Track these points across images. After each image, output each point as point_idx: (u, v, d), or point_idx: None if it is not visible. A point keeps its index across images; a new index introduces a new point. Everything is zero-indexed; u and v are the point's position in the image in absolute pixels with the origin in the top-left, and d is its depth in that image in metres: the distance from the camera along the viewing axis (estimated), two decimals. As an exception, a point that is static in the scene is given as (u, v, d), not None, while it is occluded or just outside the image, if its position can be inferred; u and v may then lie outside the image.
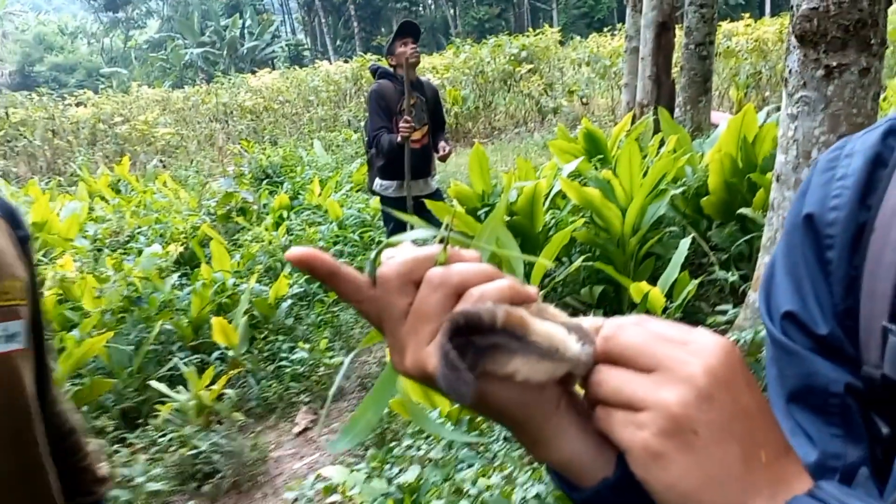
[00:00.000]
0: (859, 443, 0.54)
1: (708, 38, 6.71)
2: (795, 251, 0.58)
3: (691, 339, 0.42)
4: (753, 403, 0.41)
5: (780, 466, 0.41)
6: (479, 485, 1.65)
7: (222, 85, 18.70)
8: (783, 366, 0.59)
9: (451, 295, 0.45)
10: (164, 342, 4.60)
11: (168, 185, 8.78)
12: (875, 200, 0.54)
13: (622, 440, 0.42)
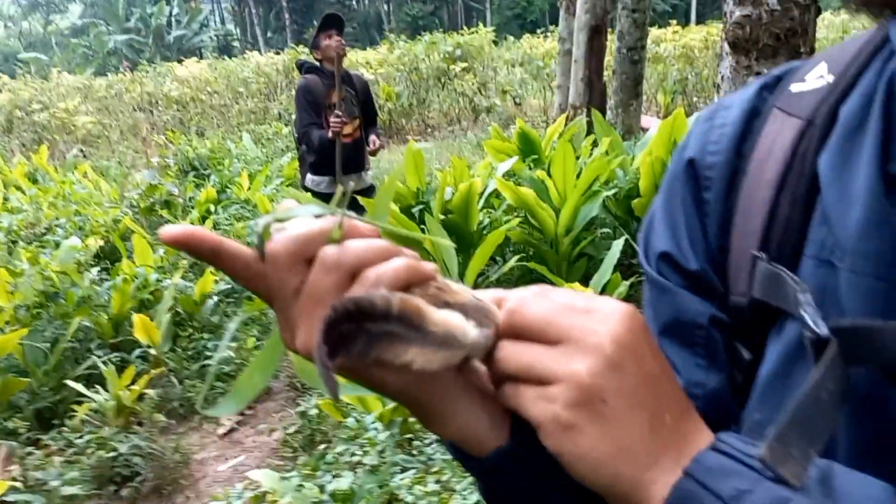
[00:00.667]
0: (721, 371, 0.58)
1: (640, 43, 6.83)
2: (675, 197, 0.62)
3: (595, 307, 0.42)
4: (657, 368, 0.43)
5: (684, 424, 0.43)
6: (415, 492, 1.60)
7: (147, 73, 18.11)
8: (657, 303, 0.62)
9: (345, 277, 0.43)
10: (83, 340, 4.41)
11: (88, 175, 8.45)
12: (748, 148, 0.58)
13: (533, 415, 0.42)
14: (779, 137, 0.57)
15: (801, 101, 0.57)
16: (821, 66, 0.58)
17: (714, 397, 0.57)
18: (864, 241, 0.48)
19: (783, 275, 0.51)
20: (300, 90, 4.83)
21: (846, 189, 0.50)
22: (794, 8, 2.83)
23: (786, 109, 0.58)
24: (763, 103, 0.60)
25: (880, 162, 0.49)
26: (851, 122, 0.52)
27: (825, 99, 0.56)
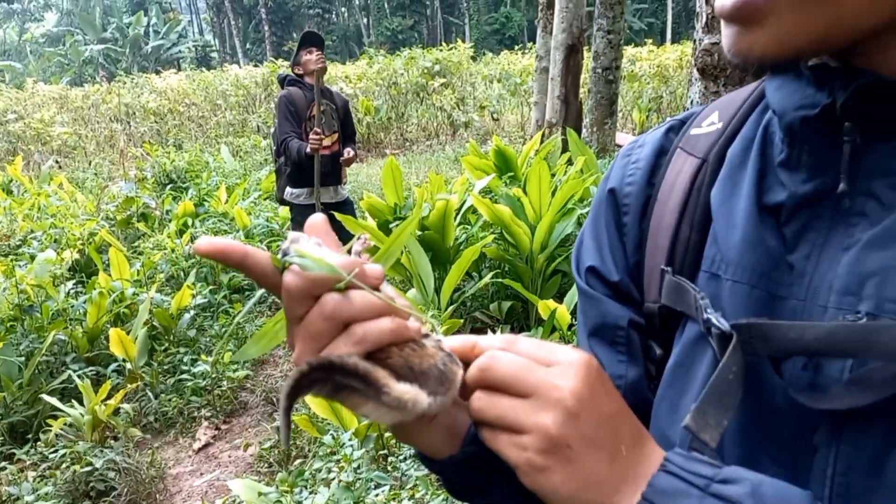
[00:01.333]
0: (638, 365, 0.70)
1: (614, 63, 6.95)
2: (600, 220, 0.73)
3: (556, 359, 0.51)
4: (613, 407, 0.52)
5: (638, 451, 0.51)
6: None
7: (125, 84, 18.01)
8: (586, 309, 0.73)
9: (338, 326, 0.51)
10: (57, 353, 4.39)
11: (64, 187, 8.39)
12: (658, 180, 0.70)
13: (509, 458, 0.50)
14: (681, 173, 0.68)
15: (698, 143, 0.68)
16: (714, 113, 0.69)
17: (633, 387, 0.69)
18: (742, 257, 0.59)
19: (685, 285, 0.62)
20: (283, 100, 4.90)
21: (730, 216, 0.61)
22: (760, 36, 2.93)
23: (686, 149, 0.69)
24: (669, 143, 0.71)
25: (756, 194, 0.60)
26: (735, 162, 0.64)
27: (716, 142, 0.67)
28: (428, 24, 49.01)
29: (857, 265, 0.52)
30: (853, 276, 0.52)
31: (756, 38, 0.52)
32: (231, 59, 42.64)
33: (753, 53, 0.52)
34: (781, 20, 0.50)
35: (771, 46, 0.51)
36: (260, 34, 45.20)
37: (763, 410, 0.56)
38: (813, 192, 0.56)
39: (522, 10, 43.54)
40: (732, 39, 0.54)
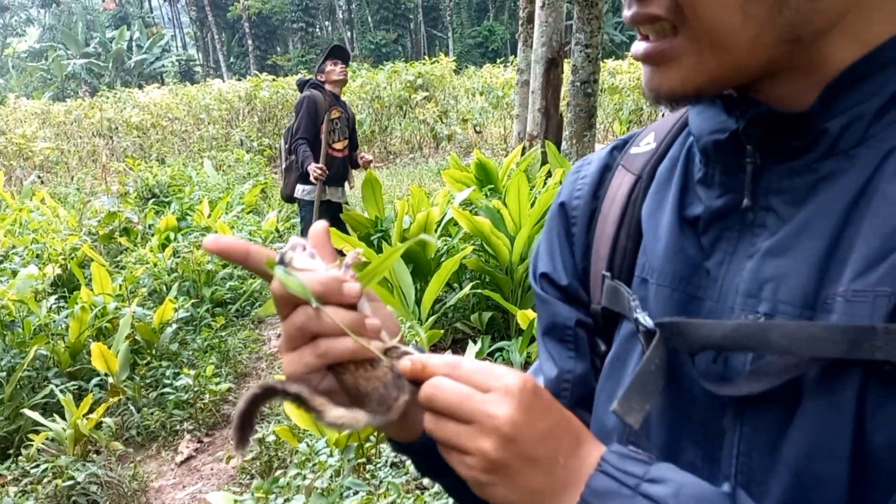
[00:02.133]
0: (585, 360, 0.78)
1: (592, 77, 7.04)
2: (552, 231, 0.81)
3: (493, 385, 0.57)
4: (549, 423, 0.57)
5: (577, 456, 0.57)
6: (363, 511, 1.68)
7: (107, 99, 17.98)
8: (540, 312, 0.82)
9: (304, 337, 0.60)
10: (39, 368, 4.40)
11: (46, 202, 8.38)
12: (602, 193, 0.77)
13: (459, 472, 0.58)
14: (620, 188, 0.76)
15: (635, 161, 0.76)
16: (651, 134, 0.77)
17: (581, 380, 0.77)
18: (665, 264, 0.66)
19: (620, 288, 0.69)
20: (306, 99, 5.36)
21: (656, 227, 0.69)
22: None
23: (626, 166, 0.77)
24: (613, 161, 0.79)
25: (678, 208, 0.67)
26: (662, 178, 0.71)
27: (650, 160, 0.74)
28: (412, 38, 49.22)
29: (757, 271, 0.60)
30: (753, 281, 0.59)
31: (664, 78, 0.60)
32: (214, 72, 42.61)
33: (662, 90, 0.60)
34: (683, 63, 0.58)
35: (676, 85, 0.59)
36: (244, 48, 45.20)
37: (683, 398, 0.63)
38: (724, 206, 0.63)
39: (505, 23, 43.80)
40: (646, 78, 0.62)
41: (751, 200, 0.62)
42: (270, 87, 15.96)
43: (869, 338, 0.51)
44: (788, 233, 0.59)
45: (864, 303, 0.53)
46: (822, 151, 0.58)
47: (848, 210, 0.56)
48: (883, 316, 0.52)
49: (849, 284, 0.54)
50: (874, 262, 0.53)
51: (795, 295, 0.56)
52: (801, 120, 0.58)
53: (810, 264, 0.56)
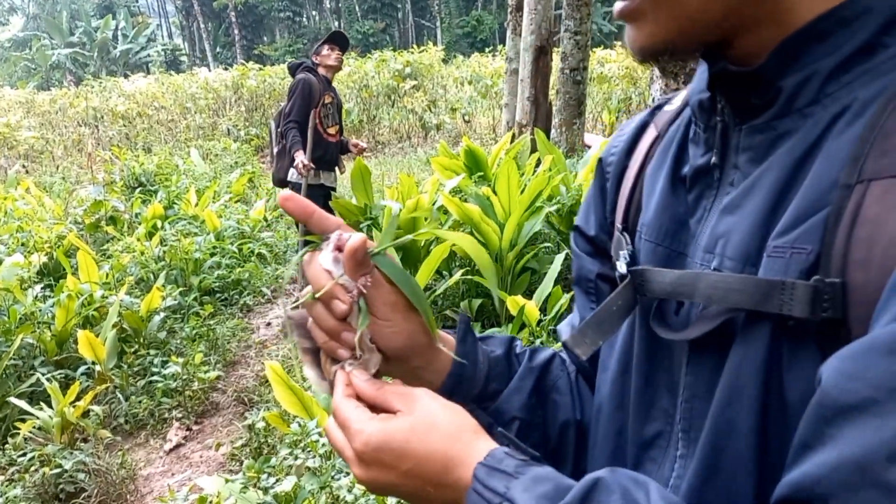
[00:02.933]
0: None
1: (582, 64, 7.03)
2: (591, 185, 0.84)
3: (346, 450, 0.64)
4: (402, 469, 0.61)
5: (446, 484, 0.60)
6: (355, 492, 1.67)
7: (93, 88, 17.82)
8: (571, 264, 0.87)
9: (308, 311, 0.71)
10: (25, 357, 4.36)
11: (31, 191, 8.30)
12: (635, 149, 0.79)
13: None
14: (644, 145, 0.78)
15: (662, 119, 0.78)
16: (681, 94, 0.78)
17: None
18: (654, 220, 0.70)
19: (622, 240, 0.74)
20: (301, 81, 5.30)
21: (653, 186, 0.72)
22: (718, 35, 3.01)
23: (655, 124, 0.78)
24: (651, 118, 0.80)
25: (673, 166, 0.70)
26: (669, 137, 0.74)
27: (671, 119, 0.76)
28: (399, 27, 49.02)
29: (714, 227, 0.62)
30: (711, 236, 0.62)
31: (636, 34, 0.61)
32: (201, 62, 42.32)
33: (635, 46, 0.62)
34: (648, 18, 0.60)
35: (645, 40, 0.61)
36: (230, 37, 44.89)
37: (657, 347, 0.67)
38: (704, 164, 0.66)
39: (494, 13, 43.69)
40: (626, 35, 0.64)
41: (719, 158, 0.64)
42: (257, 76, 15.86)
43: (777, 292, 0.52)
44: (741, 190, 0.60)
45: (780, 258, 0.54)
46: (779, 109, 0.59)
47: (795, 167, 0.56)
48: (797, 272, 0.52)
49: (772, 240, 0.55)
50: (800, 219, 0.53)
51: (738, 250, 0.58)
52: (757, 77, 0.59)
53: (753, 221, 0.57)
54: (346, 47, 5.63)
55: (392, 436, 0.61)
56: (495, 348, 0.83)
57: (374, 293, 0.69)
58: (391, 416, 0.63)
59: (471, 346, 0.79)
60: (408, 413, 0.62)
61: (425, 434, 0.61)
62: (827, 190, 0.53)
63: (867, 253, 0.49)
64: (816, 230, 0.52)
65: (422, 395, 0.64)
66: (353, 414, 0.64)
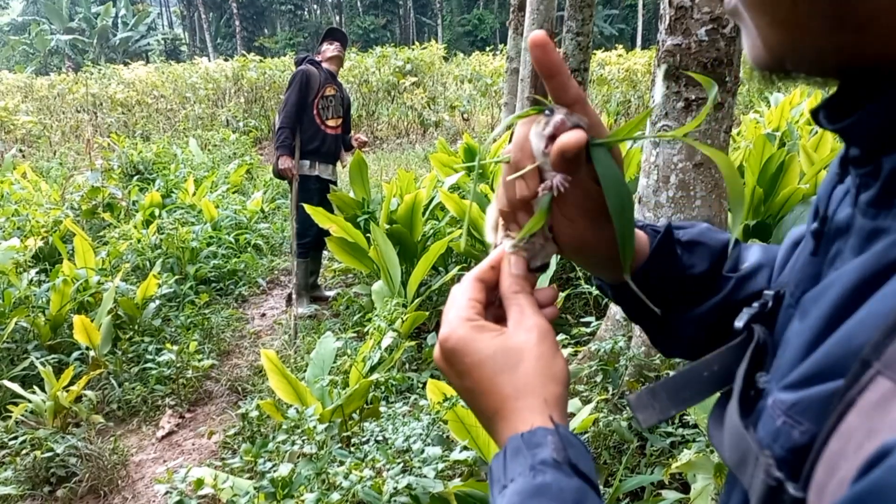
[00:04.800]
0: None
1: (583, 65, 7.04)
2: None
3: (452, 308, 0.61)
4: (466, 382, 0.59)
5: (489, 426, 0.58)
6: (351, 478, 1.68)
7: (92, 75, 17.76)
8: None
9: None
10: (19, 340, 4.36)
11: (28, 176, 8.28)
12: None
13: None
14: None
15: None
16: None
17: None
18: (788, 272, 0.60)
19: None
20: (300, 73, 5.33)
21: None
22: (721, 39, 3.02)
23: None
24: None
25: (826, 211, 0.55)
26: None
27: None
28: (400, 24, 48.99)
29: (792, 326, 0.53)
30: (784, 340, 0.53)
31: (744, 42, 0.50)
32: (201, 52, 42.23)
33: (749, 58, 0.50)
34: (745, 22, 0.48)
35: (749, 51, 0.49)
36: (231, 29, 44.80)
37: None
38: (844, 222, 0.51)
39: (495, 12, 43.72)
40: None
41: (820, 225, 0.52)
42: (258, 67, 15.82)
43: (749, 465, 0.43)
44: (821, 287, 0.47)
45: (772, 419, 0.43)
46: (877, 195, 0.44)
47: (861, 289, 0.41)
48: (782, 449, 0.42)
49: (779, 389, 0.44)
50: (816, 376, 0.41)
51: (782, 370, 0.47)
52: (846, 136, 0.47)
53: (803, 342, 0.45)
54: (344, 41, 5.65)
55: (471, 349, 0.57)
56: (698, 263, 0.69)
57: (570, 190, 0.58)
58: (488, 326, 0.59)
59: (663, 262, 0.67)
60: (506, 338, 0.57)
61: (500, 370, 0.56)
62: (856, 351, 0.37)
63: (826, 477, 0.36)
64: (820, 405, 0.39)
65: (539, 331, 0.58)
66: (462, 302, 0.61)
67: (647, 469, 2.81)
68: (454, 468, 2.58)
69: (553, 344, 0.58)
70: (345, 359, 3.71)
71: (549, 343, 0.57)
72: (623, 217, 0.58)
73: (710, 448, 2.35)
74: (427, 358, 4.15)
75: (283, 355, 4.51)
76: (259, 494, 1.73)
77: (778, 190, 4.73)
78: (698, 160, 3.14)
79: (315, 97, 5.32)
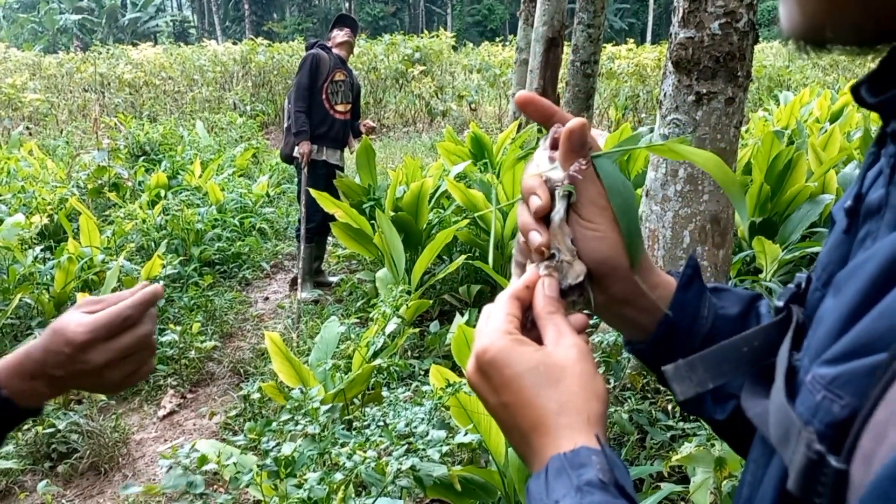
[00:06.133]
0: None
1: (593, 58, 7.02)
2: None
3: (489, 323, 0.60)
4: (505, 397, 0.56)
5: (528, 442, 0.55)
6: (354, 459, 1.69)
7: (100, 54, 17.74)
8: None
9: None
10: (23, 317, 4.37)
11: (34, 154, 8.28)
12: None
13: None
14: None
15: None
16: None
17: None
18: (823, 254, 0.58)
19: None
20: (310, 56, 5.33)
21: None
22: (734, 34, 3.00)
23: None
24: None
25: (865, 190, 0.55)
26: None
27: None
28: (410, 12, 48.83)
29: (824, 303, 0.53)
30: (817, 318, 0.53)
31: (783, 6, 0.51)
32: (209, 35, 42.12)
33: (782, 26, 0.51)
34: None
35: (785, 22, 0.50)
36: (240, 12, 44.69)
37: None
38: (875, 203, 0.52)
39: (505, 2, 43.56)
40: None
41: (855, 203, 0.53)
42: (267, 51, 15.78)
43: (792, 439, 0.43)
44: (853, 266, 0.47)
45: (812, 394, 0.43)
46: None
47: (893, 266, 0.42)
48: (821, 423, 0.41)
49: (817, 364, 0.44)
50: (855, 351, 0.41)
51: (814, 353, 0.47)
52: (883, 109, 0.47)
53: (838, 317, 0.45)
54: (354, 27, 5.66)
55: (512, 360, 0.56)
56: (729, 305, 0.71)
57: (583, 189, 0.61)
58: (527, 341, 0.57)
59: (694, 295, 0.68)
60: (547, 353, 0.56)
61: (543, 383, 0.55)
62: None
63: (874, 444, 0.37)
64: (862, 378, 0.39)
65: (578, 349, 0.57)
66: (501, 316, 0.59)
67: (646, 461, 2.82)
68: (454, 455, 2.58)
69: (593, 362, 0.57)
70: (348, 343, 3.72)
71: (590, 361, 0.57)
72: (626, 213, 0.61)
73: (711, 441, 2.36)
74: (430, 346, 4.16)
75: (286, 339, 4.52)
76: (262, 472, 1.74)
77: (786, 188, 4.72)
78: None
79: (324, 81, 5.31)
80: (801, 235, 4.48)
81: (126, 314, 0.81)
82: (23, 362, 0.81)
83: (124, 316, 0.81)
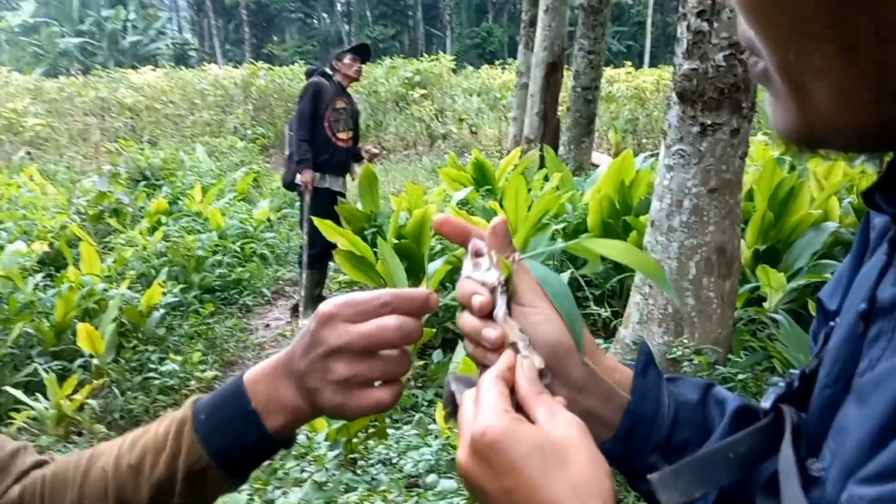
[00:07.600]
0: None
1: (594, 84, 7.05)
2: (853, 251, 0.64)
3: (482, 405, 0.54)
4: (510, 482, 0.51)
5: None
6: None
7: (101, 78, 17.81)
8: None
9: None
10: (23, 346, 4.33)
11: (35, 179, 8.28)
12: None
13: None
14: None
15: None
16: None
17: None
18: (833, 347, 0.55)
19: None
20: (311, 85, 5.34)
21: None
22: (739, 65, 3.00)
23: None
24: None
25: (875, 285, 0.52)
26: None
27: None
28: (410, 35, 49.16)
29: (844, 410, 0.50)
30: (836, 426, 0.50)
31: (773, 115, 0.47)
32: (210, 58, 42.32)
33: (776, 130, 0.47)
34: (776, 90, 0.46)
35: (779, 125, 0.46)
36: (240, 35, 44.95)
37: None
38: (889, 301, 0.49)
39: (504, 25, 43.86)
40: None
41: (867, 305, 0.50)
42: (268, 75, 15.86)
43: None
44: (879, 373, 0.45)
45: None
46: None
47: None
48: None
49: (853, 483, 0.42)
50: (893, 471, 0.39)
51: (843, 469, 0.45)
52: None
53: (870, 428, 0.43)
54: (367, 60, 5.68)
55: (517, 439, 0.51)
56: (686, 392, 0.70)
57: (519, 279, 0.63)
58: (525, 420, 0.54)
59: (652, 381, 0.67)
60: (547, 433, 0.52)
61: (551, 464, 0.51)
62: None
63: None
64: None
65: (577, 425, 0.53)
66: (493, 397, 0.55)
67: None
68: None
69: (591, 437, 0.54)
70: (350, 375, 3.68)
71: (590, 437, 0.54)
72: (564, 297, 0.64)
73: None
74: (432, 376, 4.12)
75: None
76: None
77: (788, 215, 4.70)
78: (713, 186, 3.12)
79: (326, 109, 5.31)
80: (807, 265, 4.45)
81: (385, 299, 0.70)
82: (270, 362, 0.73)
83: (382, 301, 0.70)
